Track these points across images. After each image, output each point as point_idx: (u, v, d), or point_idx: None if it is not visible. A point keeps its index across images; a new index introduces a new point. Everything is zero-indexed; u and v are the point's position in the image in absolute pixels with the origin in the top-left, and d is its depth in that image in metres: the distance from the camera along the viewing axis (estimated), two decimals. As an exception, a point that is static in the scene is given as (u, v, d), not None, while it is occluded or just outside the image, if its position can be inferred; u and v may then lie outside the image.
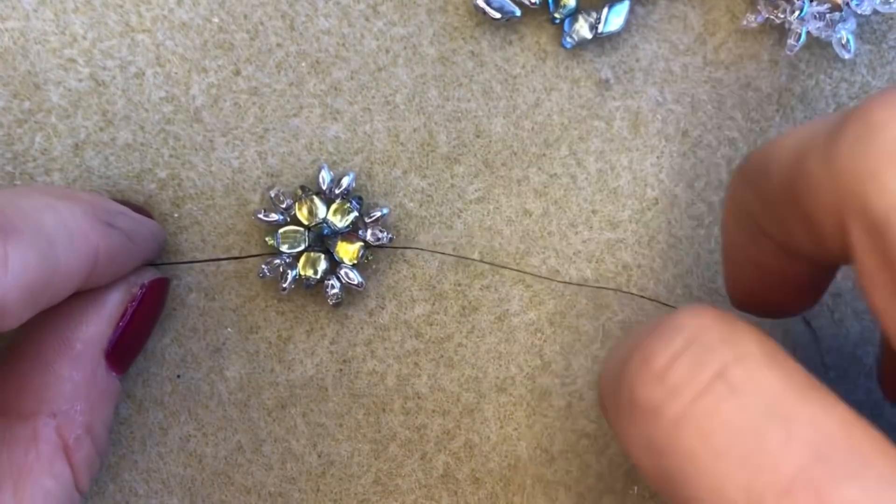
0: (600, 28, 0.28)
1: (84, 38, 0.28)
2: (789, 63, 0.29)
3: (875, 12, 0.28)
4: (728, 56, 0.29)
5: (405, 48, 0.28)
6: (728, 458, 0.16)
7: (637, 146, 0.29)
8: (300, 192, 0.28)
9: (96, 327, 0.25)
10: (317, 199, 0.27)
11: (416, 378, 0.28)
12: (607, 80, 0.29)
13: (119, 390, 0.26)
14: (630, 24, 0.29)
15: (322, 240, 0.28)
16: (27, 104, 0.28)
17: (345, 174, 0.28)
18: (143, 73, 0.28)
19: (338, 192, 0.27)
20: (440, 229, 0.29)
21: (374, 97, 0.28)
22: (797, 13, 0.27)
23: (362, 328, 0.28)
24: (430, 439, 0.28)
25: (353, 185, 0.28)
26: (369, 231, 0.28)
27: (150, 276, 0.26)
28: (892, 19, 0.29)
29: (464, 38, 0.29)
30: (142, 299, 0.26)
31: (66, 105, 0.28)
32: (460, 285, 0.28)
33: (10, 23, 0.28)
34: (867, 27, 0.29)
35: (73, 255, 0.22)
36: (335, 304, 0.28)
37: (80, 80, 0.28)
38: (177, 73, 0.28)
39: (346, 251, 0.27)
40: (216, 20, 0.28)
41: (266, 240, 0.27)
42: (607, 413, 0.19)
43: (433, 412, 0.28)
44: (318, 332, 0.28)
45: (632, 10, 0.28)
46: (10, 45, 0.28)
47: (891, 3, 0.28)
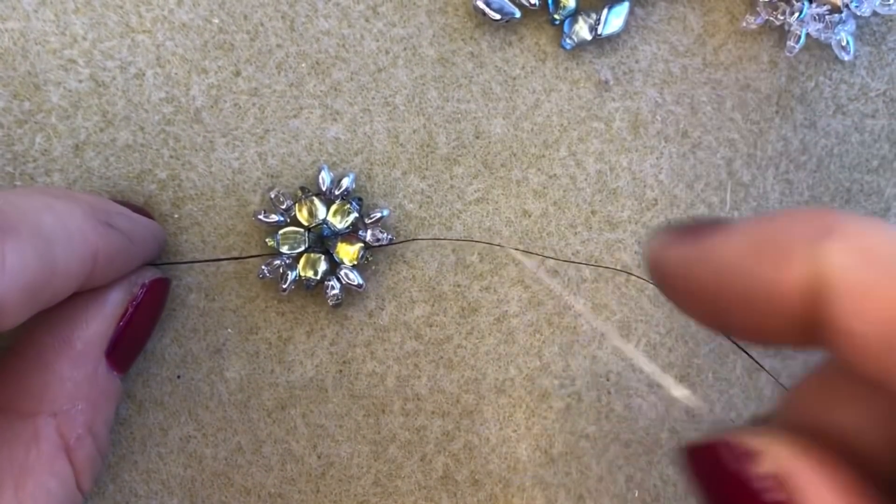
0: (600, 29, 0.28)
1: (84, 38, 0.28)
2: (789, 64, 0.29)
3: (874, 14, 0.28)
4: (728, 57, 0.29)
5: (405, 49, 0.28)
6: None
7: (636, 147, 0.29)
8: (300, 193, 0.28)
9: (97, 327, 0.25)
10: (317, 200, 0.27)
11: (416, 379, 0.28)
12: (607, 82, 0.29)
13: (120, 390, 0.26)
14: (630, 26, 0.29)
15: (322, 241, 0.28)
16: (27, 105, 0.28)
17: (345, 175, 0.28)
18: (144, 74, 0.28)
19: (338, 193, 0.27)
20: (440, 230, 0.29)
21: (373, 98, 0.28)
22: (797, 15, 0.28)
23: (362, 329, 0.28)
24: (430, 441, 0.28)
25: (353, 186, 0.28)
26: (369, 232, 0.28)
27: (150, 275, 0.26)
28: (891, 21, 0.29)
29: (463, 40, 0.29)
30: (142, 299, 0.26)
31: (67, 106, 0.28)
32: (460, 286, 0.28)
33: (10, 23, 0.28)
34: (866, 29, 0.29)
35: (72, 255, 0.22)
36: (335, 305, 0.28)
37: (81, 81, 0.28)
38: (177, 73, 0.28)
39: (346, 252, 0.27)
40: (216, 21, 0.28)
41: (266, 241, 0.27)
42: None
43: (433, 413, 0.28)
44: (318, 333, 0.28)
45: (631, 12, 0.28)
46: (11, 46, 0.28)
47: (890, 5, 0.28)
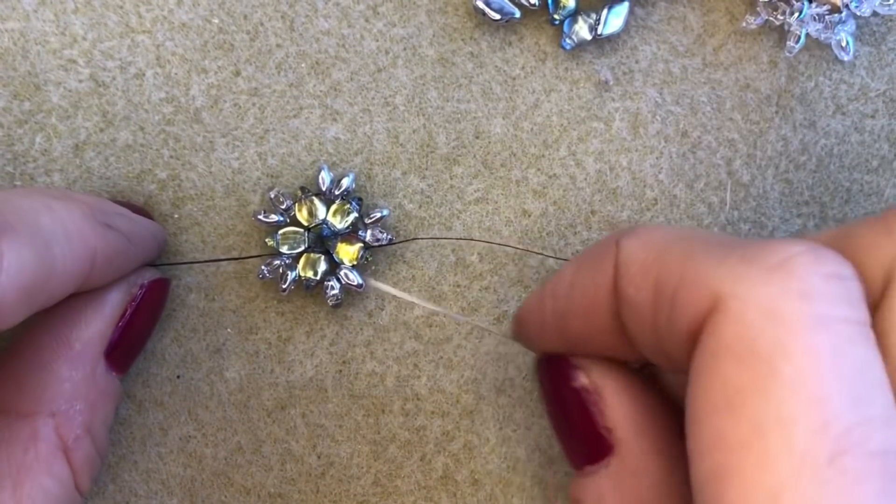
0: (600, 29, 0.28)
1: (84, 38, 0.28)
2: (788, 65, 0.29)
3: (874, 14, 0.28)
4: (727, 57, 0.29)
5: (405, 49, 0.28)
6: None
7: (636, 147, 0.29)
8: (300, 192, 0.28)
9: (96, 327, 0.25)
10: (317, 200, 0.27)
11: (416, 379, 0.28)
12: (607, 82, 0.29)
13: (119, 390, 0.26)
14: (629, 26, 0.29)
15: (322, 241, 0.28)
16: (27, 105, 0.28)
17: (344, 175, 0.28)
18: (144, 74, 0.28)
19: (337, 192, 0.27)
20: (439, 230, 0.29)
21: (373, 98, 0.28)
22: (796, 15, 0.28)
23: (362, 329, 0.28)
24: (430, 441, 0.28)
25: (353, 186, 0.28)
26: (369, 232, 0.28)
27: (150, 276, 0.26)
28: (891, 21, 0.29)
29: (463, 40, 0.29)
30: (142, 299, 0.26)
31: (67, 106, 0.28)
32: (459, 286, 0.28)
33: (10, 23, 0.28)
34: (866, 29, 0.29)
35: (70, 255, 0.22)
36: (335, 305, 0.28)
37: (81, 81, 0.28)
38: (177, 73, 0.28)
39: (346, 252, 0.27)
40: (216, 21, 0.28)
41: (266, 241, 0.27)
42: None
43: (432, 413, 0.28)
44: (318, 333, 0.28)
45: (631, 12, 0.28)
46: (11, 46, 0.28)
47: (890, 5, 0.28)
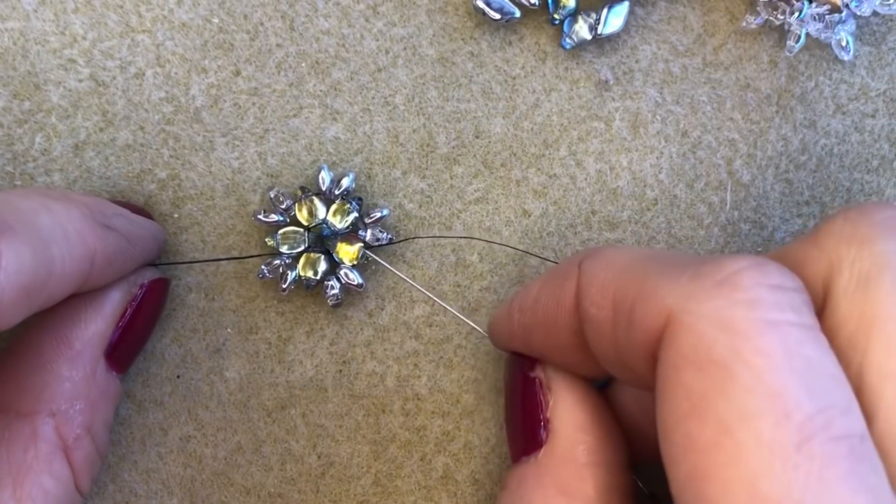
0: (600, 29, 0.28)
1: (84, 38, 0.28)
2: (789, 64, 0.29)
3: (874, 14, 0.28)
4: (727, 57, 0.29)
5: (405, 49, 0.28)
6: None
7: (636, 147, 0.29)
8: (300, 192, 0.28)
9: (96, 327, 0.25)
10: (317, 200, 0.27)
11: (416, 379, 0.28)
12: (607, 81, 0.29)
13: (119, 390, 0.26)
14: (629, 25, 0.29)
15: (322, 241, 0.28)
16: (27, 104, 0.28)
17: (345, 175, 0.28)
18: (143, 74, 0.28)
19: (338, 192, 0.27)
20: (440, 230, 0.28)
21: (373, 98, 0.28)
22: (797, 14, 0.28)
23: (362, 329, 0.28)
24: (430, 440, 0.28)
25: (353, 186, 0.28)
26: (369, 232, 0.28)
27: (149, 275, 0.26)
28: (891, 21, 0.29)
29: (463, 39, 0.29)
30: (142, 299, 0.26)
31: (67, 105, 0.28)
32: (460, 286, 0.28)
33: (10, 23, 0.28)
34: (866, 29, 0.29)
35: (69, 256, 0.22)
36: (335, 305, 0.28)
37: (81, 81, 0.28)
38: (177, 73, 0.28)
39: (346, 252, 0.27)
40: (216, 21, 0.28)
41: (266, 240, 0.27)
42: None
43: (433, 413, 0.28)
44: (318, 332, 0.28)
45: (631, 12, 0.28)
46: (11, 46, 0.28)
47: (890, 5, 0.28)
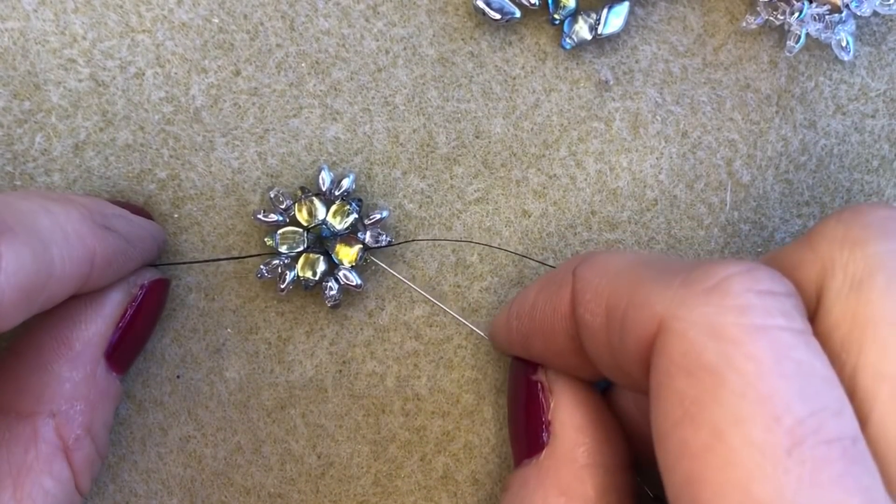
0: (600, 29, 0.28)
1: (84, 38, 0.28)
2: (789, 64, 0.29)
3: (874, 14, 0.28)
4: (727, 57, 0.29)
5: (405, 49, 0.28)
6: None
7: (636, 147, 0.29)
8: (300, 193, 0.28)
9: (96, 327, 0.25)
10: (316, 201, 0.27)
11: (416, 379, 0.28)
12: (607, 82, 0.29)
13: (119, 391, 0.26)
14: (629, 26, 0.29)
15: (321, 241, 0.28)
16: (27, 104, 0.28)
17: (345, 176, 0.28)
18: (143, 74, 0.28)
19: (338, 193, 0.27)
20: (440, 230, 0.29)
21: (373, 98, 0.28)
22: (797, 15, 0.28)
23: (362, 329, 0.28)
24: (430, 441, 0.28)
25: (354, 188, 0.28)
26: (368, 233, 0.28)
27: (149, 276, 0.26)
28: (891, 21, 0.29)
29: (463, 39, 0.29)
30: (142, 300, 0.26)
31: (66, 105, 0.28)
32: (460, 287, 0.28)
33: (10, 23, 0.28)
34: (866, 29, 0.29)
35: (69, 257, 0.22)
36: (333, 306, 0.28)
37: (80, 81, 0.28)
38: (177, 73, 0.28)
39: (346, 253, 0.27)
40: (216, 20, 0.28)
41: (265, 240, 0.27)
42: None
43: (433, 413, 0.28)
44: (318, 332, 0.28)
45: (631, 12, 0.28)
46: (10, 45, 0.28)
47: (890, 5, 0.28)
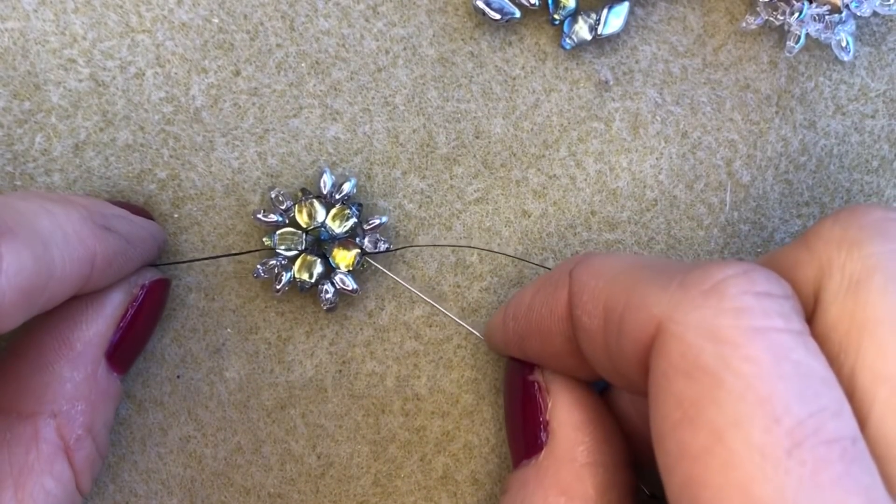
0: (600, 29, 0.28)
1: (84, 38, 0.28)
2: (788, 65, 0.29)
3: (874, 14, 0.28)
4: (727, 58, 0.29)
5: (405, 49, 0.28)
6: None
7: (636, 147, 0.29)
8: (300, 194, 0.28)
9: (97, 328, 0.25)
10: (317, 203, 0.27)
11: (416, 379, 0.28)
12: (607, 82, 0.29)
13: (120, 391, 0.26)
14: (629, 26, 0.29)
15: (319, 244, 0.28)
16: (27, 104, 0.28)
17: (346, 180, 0.27)
18: (143, 74, 0.28)
19: (338, 197, 0.27)
20: (439, 230, 0.29)
21: (373, 98, 0.28)
22: (796, 15, 0.28)
23: (362, 329, 0.28)
24: (430, 441, 0.28)
25: (354, 192, 0.28)
26: (367, 238, 0.27)
27: (150, 276, 0.26)
28: (891, 21, 0.29)
29: (463, 39, 0.29)
30: (142, 300, 0.26)
31: (67, 105, 0.28)
32: (459, 287, 0.28)
33: (10, 23, 0.28)
34: (866, 29, 0.29)
35: (70, 258, 0.22)
36: (329, 309, 0.28)
37: (81, 81, 0.28)
38: (177, 73, 0.28)
39: (343, 257, 0.27)
40: (216, 20, 0.28)
41: (263, 240, 0.27)
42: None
43: (433, 413, 0.28)
44: (318, 332, 0.28)
45: (631, 12, 0.28)
46: (10, 46, 0.28)
47: (890, 5, 0.28)
